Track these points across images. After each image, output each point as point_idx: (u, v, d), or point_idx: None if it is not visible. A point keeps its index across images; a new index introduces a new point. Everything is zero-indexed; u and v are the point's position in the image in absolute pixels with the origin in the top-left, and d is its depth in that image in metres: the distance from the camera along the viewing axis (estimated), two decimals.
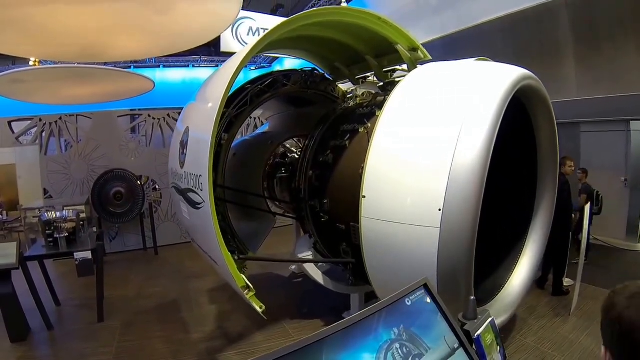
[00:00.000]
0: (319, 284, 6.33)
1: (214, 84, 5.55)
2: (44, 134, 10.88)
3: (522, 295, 5.40)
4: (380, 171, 4.46)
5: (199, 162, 4.86)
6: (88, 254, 6.95)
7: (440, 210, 3.90)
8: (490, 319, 3.56)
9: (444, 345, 2.94)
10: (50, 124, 10.82)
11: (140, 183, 11.01)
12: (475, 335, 3.25)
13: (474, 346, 3.12)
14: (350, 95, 6.66)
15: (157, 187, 11.77)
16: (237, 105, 6.05)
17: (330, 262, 5.83)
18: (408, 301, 3.02)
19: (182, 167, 5.53)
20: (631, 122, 9.94)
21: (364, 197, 4.50)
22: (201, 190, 4.64)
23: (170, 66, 22.86)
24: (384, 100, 4.93)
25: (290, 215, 7.37)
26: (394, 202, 4.28)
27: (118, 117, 11.51)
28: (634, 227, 10.05)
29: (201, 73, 22.15)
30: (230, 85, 4.58)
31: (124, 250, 11.31)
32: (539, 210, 5.68)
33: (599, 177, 9.68)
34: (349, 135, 5.47)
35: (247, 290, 4.47)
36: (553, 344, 5.74)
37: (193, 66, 23.56)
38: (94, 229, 8.26)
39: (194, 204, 5.01)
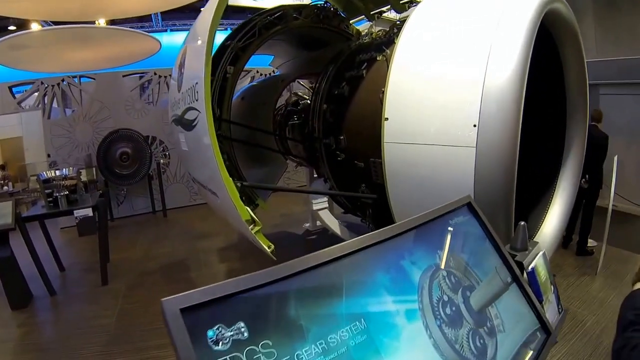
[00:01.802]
0: (335, 239, 5.61)
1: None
2: (46, 97, 10.36)
3: (554, 245, 4.75)
4: (404, 89, 3.82)
5: (194, 70, 4.23)
6: (89, 211, 6.56)
7: (475, 126, 3.27)
8: (542, 252, 2.97)
9: (497, 279, 2.38)
10: (53, 86, 10.28)
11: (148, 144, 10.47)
12: (530, 267, 2.68)
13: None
14: (366, 33, 5.97)
15: (167, 153, 11.20)
16: (244, 37, 5.46)
17: (350, 195, 5.13)
18: (451, 222, 2.44)
19: (179, 89, 4.91)
20: None
21: (387, 119, 3.85)
22: (196, 100, 3.99)
23: (177, 30, 21.78)
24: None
25: (302, 157, 6.60)
26: (420, 121, 3.65)
27: (123, 76, 10.97)
28: None
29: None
30: None
31: (132, 214, 10.87)
32: (568, 154, 4.99)
33: (617, 141, 8.92)
34: (366, 65, 4.81)
35: (252, 225, 3.81)
36: (582, 302, 5.52)
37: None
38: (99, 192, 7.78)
39: (189, 125, 4.34)
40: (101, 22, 9.81)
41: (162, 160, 11.02)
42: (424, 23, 4.10)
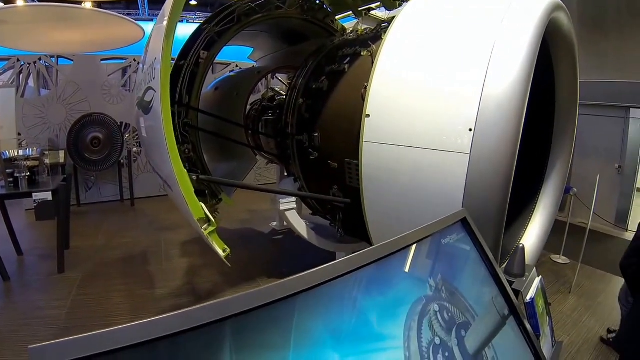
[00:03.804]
0: (303, 241, 5.18)
1: None
2: (21, 75, 9.56)
3: (533, 263, 4.24)
4: (391, 83, 3.25)
5: (155, 46, 3.60)
6: (48, 195, 5.90)
7: (471, 130, 2.73)
8: (539, 278, 2.45)
9: (493, 312, 1.78)
10: (29, 64, 9.48)
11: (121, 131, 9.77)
12: (529, 298, 2.15)
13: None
14: (351, 30, 5.41)
15: (140, 142, 10.44)
16: (222, 22, 4.88)
17: (320, 198, 4.57)
18: (444, 241, 1.89)
19: (143, 70, 4.29)
20: (631, 109, 9.19)
21: (368, 116, 3.27)
22: (153, 78, 3.34)
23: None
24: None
25: (273, 153, 6.02)
26: (406, 121, 3.08)
27: (102, 60, 10.20)
28: (623, 215, 9.40)
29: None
30: None
31: (99, 201, 10.13)
32: (552, 170, 4.57)
33: (594, 162, 9.30)
34: (349, 59, 4.24)
35: (205, 225, 3.19)
36: (556, 322, 4.98)
37: (187, 22, 21.56)
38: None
39: (147, 107, 3.65)
40: (87, 4, 9.24)
41: (134, 149, 10.33)
42: (423, 12, 3.58)
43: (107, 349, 0.89)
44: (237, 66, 10.68)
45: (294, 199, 4.78)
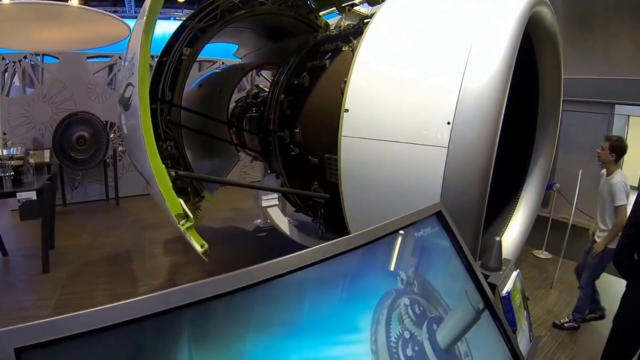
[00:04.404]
0: (287, 238, 5.09)
1: None
2: (6, 74, 9.39)
3: (514, 258, 4.23)
4: (370, 77, 3.21)
5: (135, 40, 3.54)
6: (32, 194, 5.83)
7: (449, 124, 2.69)
8: (516, 272, 2.41)
9: (467, 306, 1.73)
10: (14, 63, 9.35)
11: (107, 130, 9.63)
12: (505, 292, 2.11)
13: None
14: (335, 26, 5.36)
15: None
16: (205, 18, 4.81)
17: (300, 193, 4.53)
18: (417, 234, 1.84)
19: (124, 66, 4.21)
20: (616, 105, 9.32)
21: (347, 110, 3.22)
22: (132, 73, 3.26)
23: None
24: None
25: (256, 150, 5.94)
26: (384, 115, 3.03)
27: (87, 58, 10.09)
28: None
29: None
30: None
31: (85, 200, 9.99)
32: (535, 165, 4.54)
33: (579, 158, 9.09)
34: (330, 54, 4.19)
35: (183, 220, 3.13)
36: (537, 317, 5.22)
37: (175, 19, 20.95)
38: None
39: (127, 103, 3.56)
40: (73, 2, 9.10)
41: (120, 148, 10.20)
42: (404, 7, 3.53)
43: (56, 337, 0.89)
44: (223, 63, 10.58)
45: (276, 195, 4.73)
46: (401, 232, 1.70)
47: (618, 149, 4.62)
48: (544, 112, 4.35)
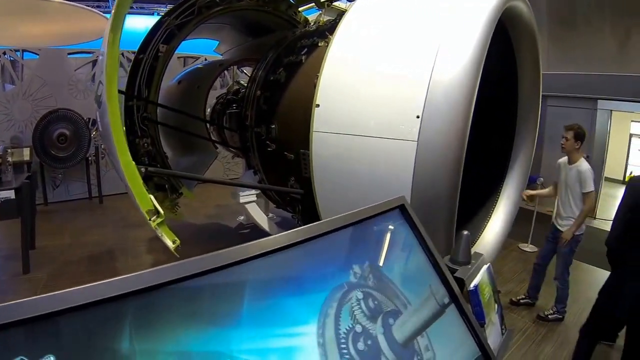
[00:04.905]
0: (268, 234, 4.99)
1: None
2: None
3: (495, 253, 4.39)
4: (340, 73, 3.23)
5: (104, 41, 3.52)
6: (11, 194, 5.78)
7: (418, 117, 2.70)
8: (486, 266, 2.42)
9: (431, 300, 1.74)
10: None
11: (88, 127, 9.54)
12: (472, 285, 2.12)
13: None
14: (314, 22, 5.39)
15: None
16: (181, 14, 4.80)
17: (275, 189, 4.55)
18: (377, 228, 1.85)
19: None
20: (598, 101, 9.43)
21: (318, 106, 3.24)
22: (102, 72, 3.25)
23: (134, 13, 19.95)
24: None
25: (237, 147, 5.95)
26: (355, 110, 3.06)
27: (68, 55, 10.01)
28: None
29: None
30: None
31: (67, 199, 9.89)
32: (515, 161, 4.64)
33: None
34: (306, 50, 4.21)
35: (154, 217, 3.12)
36: (522, 309, 5.34)
37: (158, 14, 19.83)
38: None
39: (99, 101, 3.50)
40: None
41: (103, 145, 10.08)
42: (374, 2, 3.55)
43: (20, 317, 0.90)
44: (205, 59, 10.51)
45: (253, 191, 4.75)
46: (358, 225, 1.72)
47: (582, 135, 4.72)
48: (523, 106, 4.41)
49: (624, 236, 3.36)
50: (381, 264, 1.71)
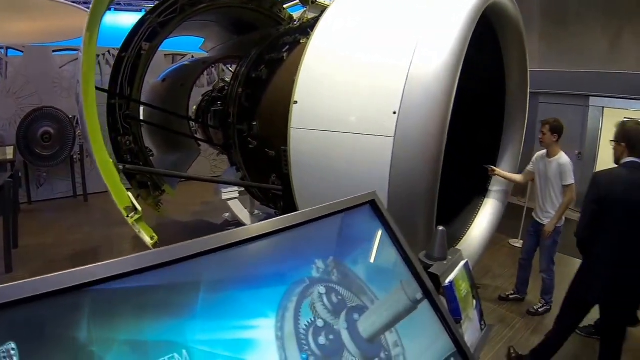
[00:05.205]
0: None
1: None
2: None
3: (483, 249, 4.45)
4: (318, 69, 3.26)
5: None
6: None
7: (395, 113, 2.73)
8: (464, 262, 2.43)
9: (401, 295, 1.74)
10: None
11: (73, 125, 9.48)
12: (447, 281, 2.13)
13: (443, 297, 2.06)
14: (298, 19, 5.39)
15: None
16: (164, 12, 4.82)
17: (255, 186, 4.57)
18: (344, 223, 1.86)
19: None
20: (590, 97, 9.47)
21: (296, 102, 3.26)
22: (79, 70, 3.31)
23: (121, 10, 19.61)
24: None
25: (219, 143, 5.94)
26: (331, 106, 3.09)
27: (53, 52, 9.95)
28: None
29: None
30: None
31: (52, 197, 9.85)
32: (503, 157, 4.71)
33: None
34: (288, 47, 4.24)
35: (132, 213, 3.14)
36: (511, 304, 5.40)
37: (146, 11, 20.66)
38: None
39: (78, 100, 3.60)
40: None
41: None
42: (351, 3, 3.57)
43: None
44: (192, 56, 10.44)
45: (235, 188, 4.77)
46: (325, 220, 1.73)
47: (559, 129, 4.73)
48: (511, 102, 4.45)
49: (590, 226, 3.55)
50: (347, 259, 1.72)
